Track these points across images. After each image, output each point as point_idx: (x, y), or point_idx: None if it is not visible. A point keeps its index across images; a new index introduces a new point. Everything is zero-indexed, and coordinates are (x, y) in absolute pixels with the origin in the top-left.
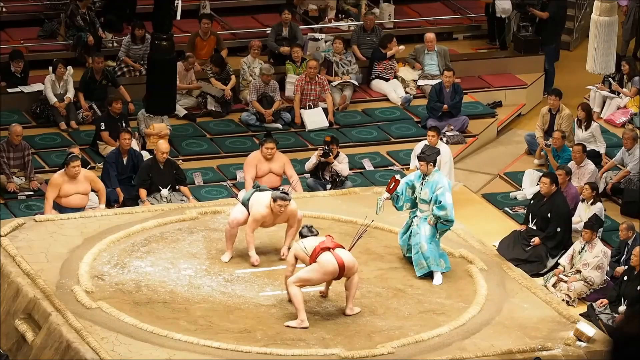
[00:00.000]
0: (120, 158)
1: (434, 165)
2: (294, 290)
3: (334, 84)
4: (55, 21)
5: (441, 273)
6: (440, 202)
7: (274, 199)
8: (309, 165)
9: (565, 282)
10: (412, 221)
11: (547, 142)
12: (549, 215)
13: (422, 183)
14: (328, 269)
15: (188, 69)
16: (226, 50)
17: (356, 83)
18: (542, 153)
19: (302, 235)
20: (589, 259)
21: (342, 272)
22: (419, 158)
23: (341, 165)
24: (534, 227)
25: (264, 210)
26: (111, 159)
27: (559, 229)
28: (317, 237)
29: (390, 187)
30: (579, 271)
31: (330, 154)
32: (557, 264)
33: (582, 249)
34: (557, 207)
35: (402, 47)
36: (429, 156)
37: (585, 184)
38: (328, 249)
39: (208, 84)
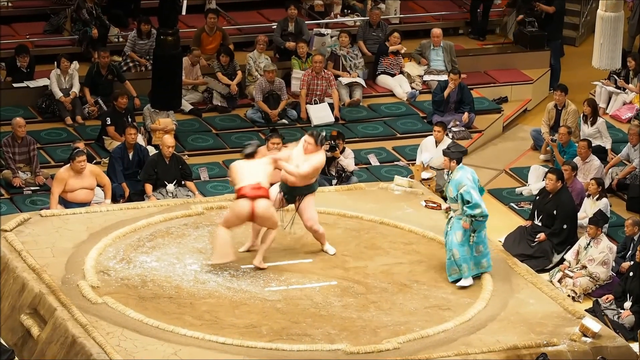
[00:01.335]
0: (126, 153)
1: (458, 163)
2: (218, 231)
3: (344, 82)
4: (62, 15)
5: (474, 277)
6: (469, 201)
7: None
8: None
9: (571, 277)
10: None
11: (552, 138)
12: (554, 212)
13: (448, 180)
14: (240, 215)
15: (194, 63)
16: (232, 45)
17: (363, 84)
18: (547, 148)
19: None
20: (595, 255)
21: (253, 219)
22: (444, 153)
23: (347, 161)
24: (540, 224)
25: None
26: (117, 154)
27: (565, 226)
28: (251, 163)
29: (432, 206)
30: (584, 267)
31: (337, 148)
32: (562, 260)
33: (588, 244)
34: (562, 204)
35: (403, 48)
36: (452, 153)
37: (591, 179)
38: (246, 197)
39: (214, 80)
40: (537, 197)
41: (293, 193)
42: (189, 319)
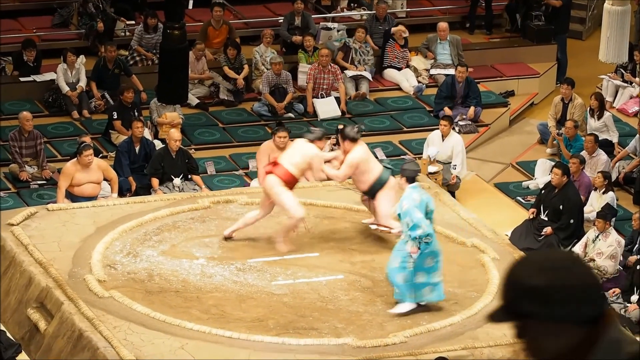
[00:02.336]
0: (133, 147)
1: (408, 182)
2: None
3: (349, 74)
4: (70, 8)
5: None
6: (412, 221)
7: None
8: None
9: None
10: None
11: (559, 132)
12: (561, 207)
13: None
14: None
15: (198, 58)
16: (238, 39)
17: (370, 77)
18: (554, 142)
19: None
20: (603, 248)
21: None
22: (400, 170)
23: None
24: (546, 219)
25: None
26: (123, 148)
27: (572, 221)
28: (301, 145)
29: (383, 230)
30: (592, 260)
31: None
32: None
33: (596, 237)
34: (569, 199)
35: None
36: (404, 171)
37: (597, 172)
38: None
39: (218, 75)
40: (542, 192)
41: (367, 194)
42: (195, 312)
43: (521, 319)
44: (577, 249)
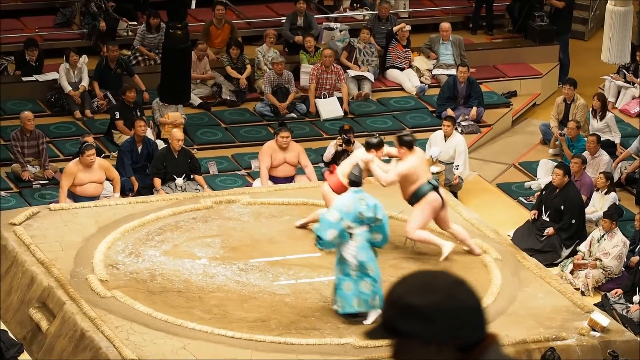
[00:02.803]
0: (135, 147)
1: (351, 185)
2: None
3: (351, 74)
4: (73, 8)
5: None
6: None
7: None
8: (327, 155)
9: (584, 266)
10: None
11: (561, 132)
12: (562, 207)
13: None
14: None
15: (200, 57)
16: (240, 38)
17: (372, 78)
18: (556, 143)
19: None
20: (609, 248)
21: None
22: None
23: None
24: (547, 219)
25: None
26: (126, 148)
27: (573, 221)
28: (357, 152)
29: None
30: (597, 259)
31: (351, 142)
32: (571, 253)
33: (601, 237)
34: (570, 199)
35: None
36: (350, 174)
37: (599, 173)
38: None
39: (221, 76)
40: (543, 192)
41: (409, 202)
42: (197, 312)
43: (398, 338)
44: (582, 248)
